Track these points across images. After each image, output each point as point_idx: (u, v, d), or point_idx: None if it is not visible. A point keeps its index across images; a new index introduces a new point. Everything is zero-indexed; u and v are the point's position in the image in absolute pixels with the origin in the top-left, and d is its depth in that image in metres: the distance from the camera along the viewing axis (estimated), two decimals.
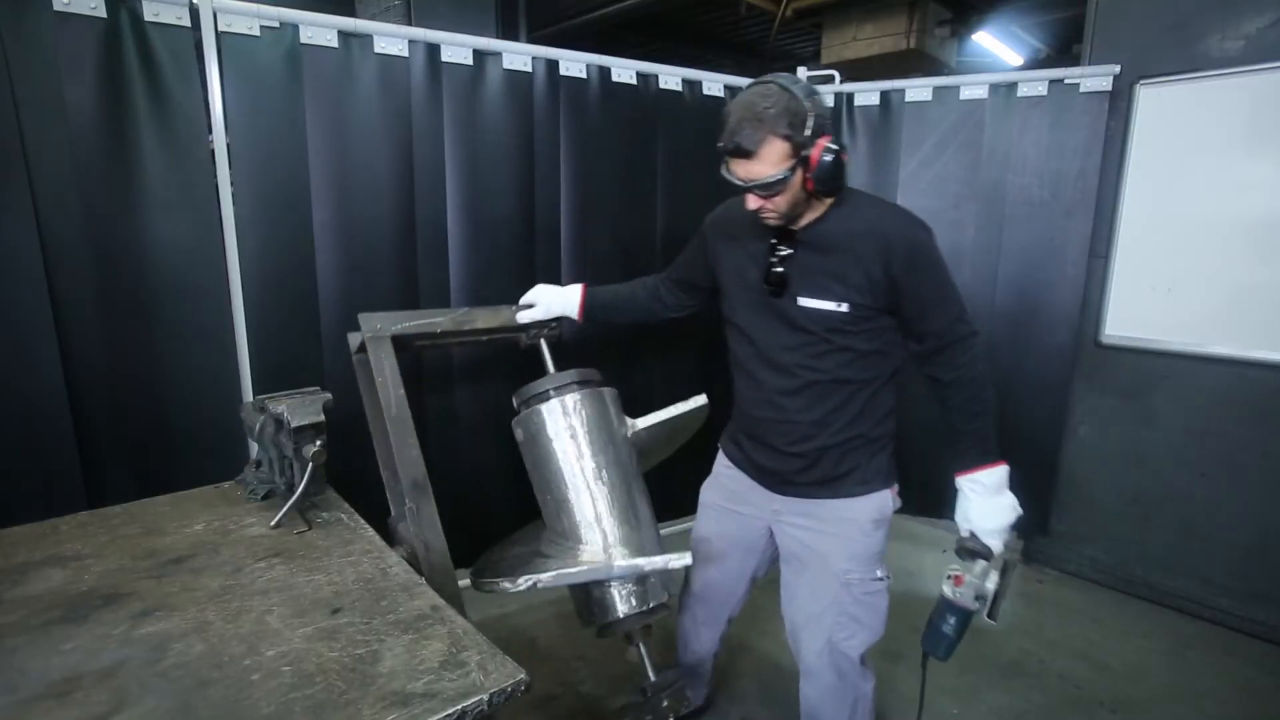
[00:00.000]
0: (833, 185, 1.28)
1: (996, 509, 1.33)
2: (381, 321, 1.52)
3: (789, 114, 1.22)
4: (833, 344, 1.38)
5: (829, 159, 1.24)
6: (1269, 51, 2.22)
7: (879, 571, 1.48)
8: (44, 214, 1.61)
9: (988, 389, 1.34)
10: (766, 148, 1.24)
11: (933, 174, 2.69)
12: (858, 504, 1.45)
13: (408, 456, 1.39)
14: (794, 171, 1.25)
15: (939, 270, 1.34)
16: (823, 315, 1.36)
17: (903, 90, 2.70)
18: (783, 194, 1.28)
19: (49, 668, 0.88)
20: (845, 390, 1.41)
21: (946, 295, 1.34)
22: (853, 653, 1.50)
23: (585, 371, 1.65)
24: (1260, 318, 2.31)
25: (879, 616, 1.50)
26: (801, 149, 1.24)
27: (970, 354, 1.34)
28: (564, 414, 1.55)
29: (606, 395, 1.64)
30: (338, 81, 1.90)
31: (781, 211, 1.32)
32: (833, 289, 1.34)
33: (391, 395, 1.43)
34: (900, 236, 1.32)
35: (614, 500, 1.52)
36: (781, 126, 1.22)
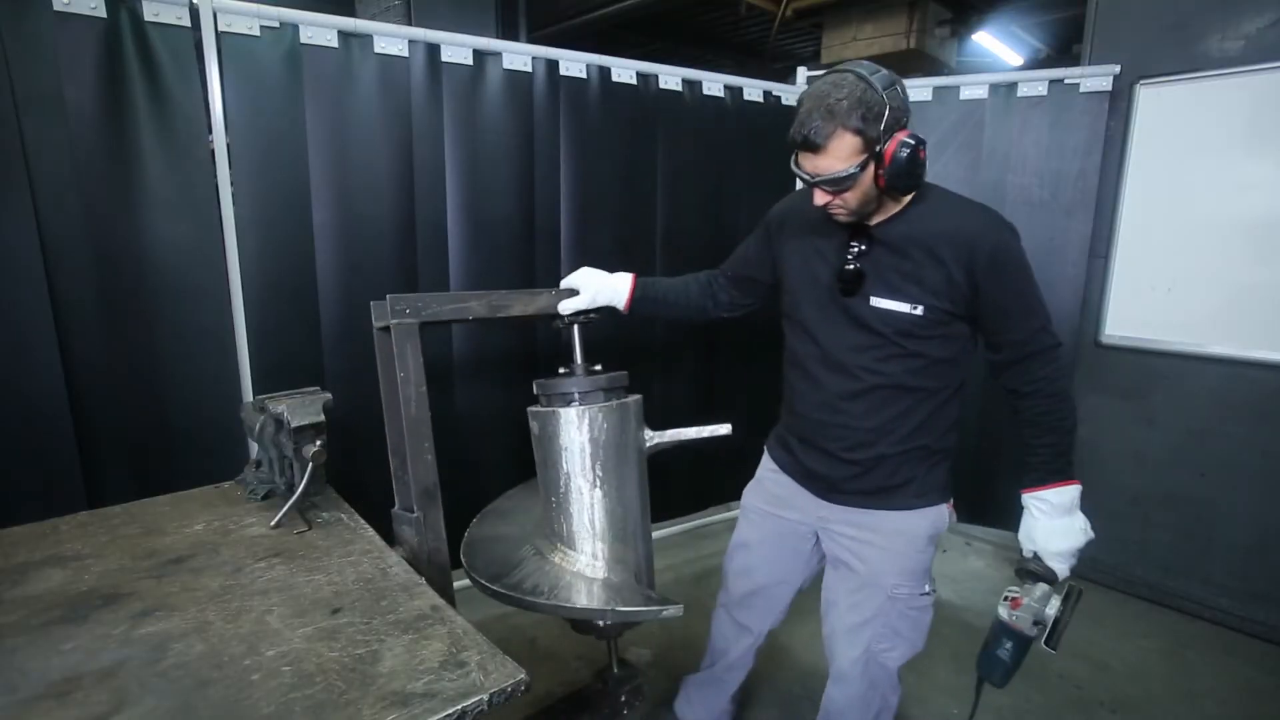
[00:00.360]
0: (908, 183, 1.20)
1: (1064, 531, 1.26)
2: (409, 306, 1.35)
3: (862, 106, 1.14)
4: (903, 348, 1.30)
5: (904, 155, 1.16)
6: (1269, 51, 2.22)
7: (927, 586, 1.43)
8: (44, 214, 1.61)
9: (1067, 403, 1.26)
10: (836, 141, 1.16)
11: (933, 174, 2.62)
12: (912, 517, 1.39)
13: (422, 461, 1.34)
14: (865, 168, 1.17)
15: (1024, 276, 1.25)
16: (895, 317, 1.28)
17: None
18: (852, 190, 1.21)
19: (49, 668, 0.88)
20: (911, 398, 1.34)
21: (1031, 304, 1.25)
22: (891, 664, 1.46)
23: (615, 376, 1.52)
24: (1260, 318, 2.31)
25: (921, 631, 1.46)
26: (875, 144, 1.16)
27: (1052, 366, 1.25)
28: (583, 424, 1.46)
29: (631, 407, 1.52)
30: (338, 81, 1.90)
31: (852, 209, 1.25)
32: (908, 290, 1.26)
33: (413, 393, 1.33)
34: (985, 239, 1.22)
35: (615, 517, 1.49)
36: (854, 120, 1.14)
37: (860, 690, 1.49)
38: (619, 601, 1.36)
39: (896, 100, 1.16)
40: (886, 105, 1.14)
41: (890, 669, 1.47)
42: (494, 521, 1.71)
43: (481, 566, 1.49)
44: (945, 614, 2.52)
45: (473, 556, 1.55)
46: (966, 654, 2.27)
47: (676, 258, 2.58)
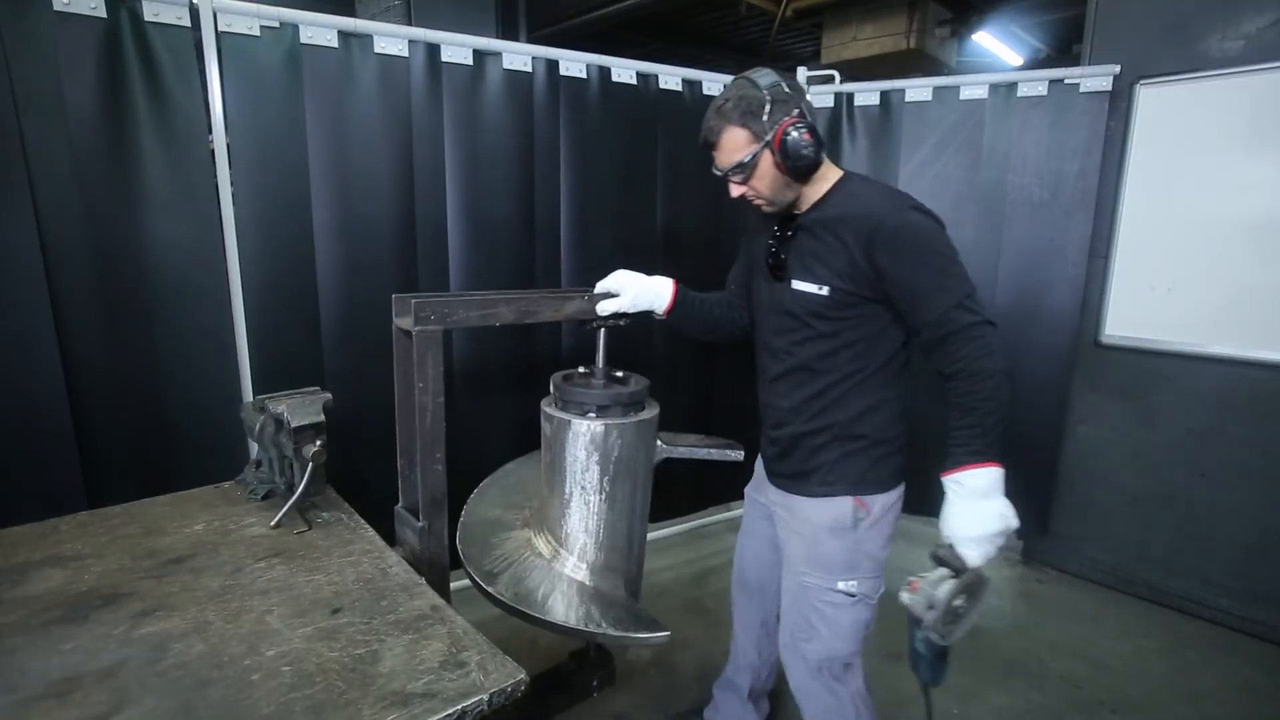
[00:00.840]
0: (803, 163, 1.28)
1: (977, 515, 1.18)
2: (435, 312, 1.28)
3: (744, 103, 1.27)
4: (815, 330, 1.35)
5: (791, 137, 1.26)
6: (1269, 51, 2.22)
7: (840, 584, 1.38)
8: (44, 214, 1.61)
9: (992, 383, 1.20)
10: (726, 136, 1.30)
11: (933, 174, 2.69)
12: (815, 505, 1.40)
13: (432, 472, 1.33)
14: (758, 155, 1.29)
15: (932, 254, 1.24)
16: (807, 298, 1.34)
17: (903, 90, 2.70)
18: (757, 179, 1.32)
19: (49, 668, 0.88)
20: (823, 379, 1.37)
21: (942, 282, 1.23)
22: (810, 656, 1.44)
23: (637, 391, 1.48)
24: (1260, 318, 2.31)
25: (838, 631, 1.41)
26: (763, 134, 1.27)
27: (974, 345, 1.21)
28: (596, 440, 1.43)
29: (648, 425, 1.49)
30: (338, 81, 1.90)
31: (765, 196, 1.35)
32: (818, 271, 1.33)
33: (429, 403, 1.30)
34: (887, 220, 1.26)
35: (615, 529, 1.48)
36: (736, 116, 1.28)
37: (798, 682, 1.49)
38: (610, 621, 1.36)
39: (780, 94, 1.27)
40: (768, 99, 1.26)
41: (810, 660, 1.44)
42: (489, 505, 1.70)
43: (475, 555, 1.48)
44: None
45: (468, 544, 1.53)
46: (966, 654, 2.28)
47: (676, 257, 2.58)
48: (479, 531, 1.57)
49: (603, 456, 1.44)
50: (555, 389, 1.51)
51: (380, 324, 1.92)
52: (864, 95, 2.76)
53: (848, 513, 1.37)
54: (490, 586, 1.38)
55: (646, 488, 1.54)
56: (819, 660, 1.44)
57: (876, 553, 1.41)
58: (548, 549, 1.51)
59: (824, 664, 1.44)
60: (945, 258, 1.25)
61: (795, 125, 1.26)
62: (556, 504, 1.49)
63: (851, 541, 1.38)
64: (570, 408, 1.46)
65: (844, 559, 1.38)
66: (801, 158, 1.27)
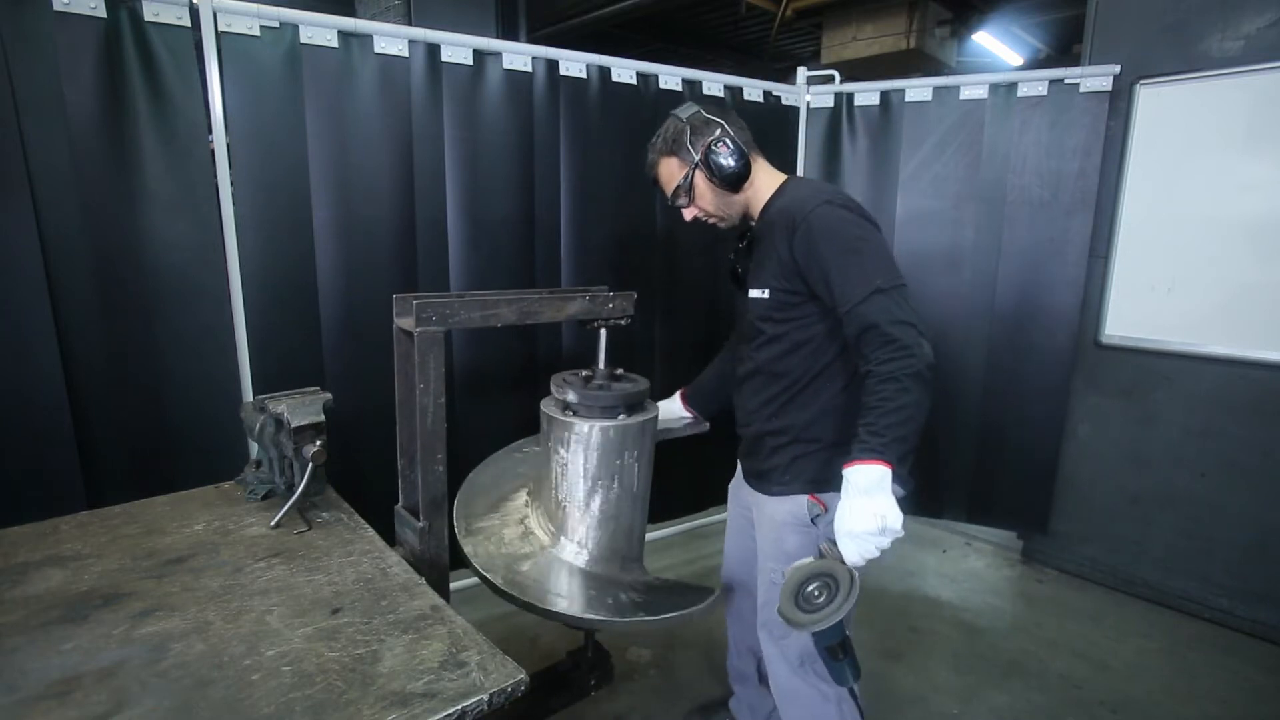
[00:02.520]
0: (732, 174, 1.37)
1: (857, 512, 1.15)
2: (436, 313, 1.27)
3: (668, 135, 1.42)
4: (765, 333, 1.40)
5: (714, 154, 1.36)
6: (1269, 51, 2.22)
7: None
8: (44, 214, 1.61)
9: (894, 386, 1.15)
10: (661, 168, 1.46)
11: (933, 174, 2.69)
12: (774, 503, 1.45)
13: (433, 473, 1.33)
14: (691, 177, 1.41)
15: (843, 243, 1.23)
16: (757, 303, 1.40)
17: (903, 90, 2.70)
18: (699, 198, 1.43)
19: (49, 668, 0.88)
20: (780, 382, 1.41)
21: (850, 272, 1.21)
22: (789, 653, 1.46)
23: (635, 392, 1.48)
24: (1260, 318, 2.31)
25: None
26: (690, 158, 1.39)
27: (885, 348, 1.17)
28: (593, 442, 1.43)
29: (648, 425, 1.49)
30: (338, 81, 1.90)
31: (712, 212, 1.46)
32: (761, 276, 1.39)
33: (430, 404, 1.30)
34: (802, 211, 1.27)
35: (613, 529, 1.50)
36: (665, 148, 1.43)
37: (774, 670, 1.51)
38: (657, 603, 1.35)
39: (699, 120, 1.40)
40: (688, 127, 1.39)
41: (788, 657, 1.45)
42: (488, 491, 1.70)
43: (474, 533, 1.49)
44: (945, 614, 2.52)
45: (469, 517, 1.53)
46: (966, 654, 2.28)
47: (676, 257, 2.59)
48: (480, 527, 1.57)
49: (600, 459, 1.43)
50: (555, 389, 1.51)
51: (380, 324, 1.93)
52: (864, 95, 2.76)
53: (803, 510, 1.40)
54: (495, 577, 1.37)
55: (644, 491, 1.54)
56: (799, 654, 1.45)
57: None
58: (547, 534, 1.51)
59: (804, 658, 1.44)
60: (854, 249, 1.23)
61: (716, 142, 1.37)
62: (556, 497, 1.49)
63: (813, 538, 1.38)
64: (570, 409, 1.46)
65: (802, 554, 1.37)
66: (726, 169, 1.37)
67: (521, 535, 1.53)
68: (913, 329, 1.18)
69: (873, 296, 1.19)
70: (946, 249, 2.68)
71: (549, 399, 1.53)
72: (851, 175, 2.82)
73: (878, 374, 1.17)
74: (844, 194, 1.34)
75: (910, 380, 1.15)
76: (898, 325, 1.17)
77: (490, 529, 1.54)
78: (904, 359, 1.16)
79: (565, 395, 1.46)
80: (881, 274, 1.21)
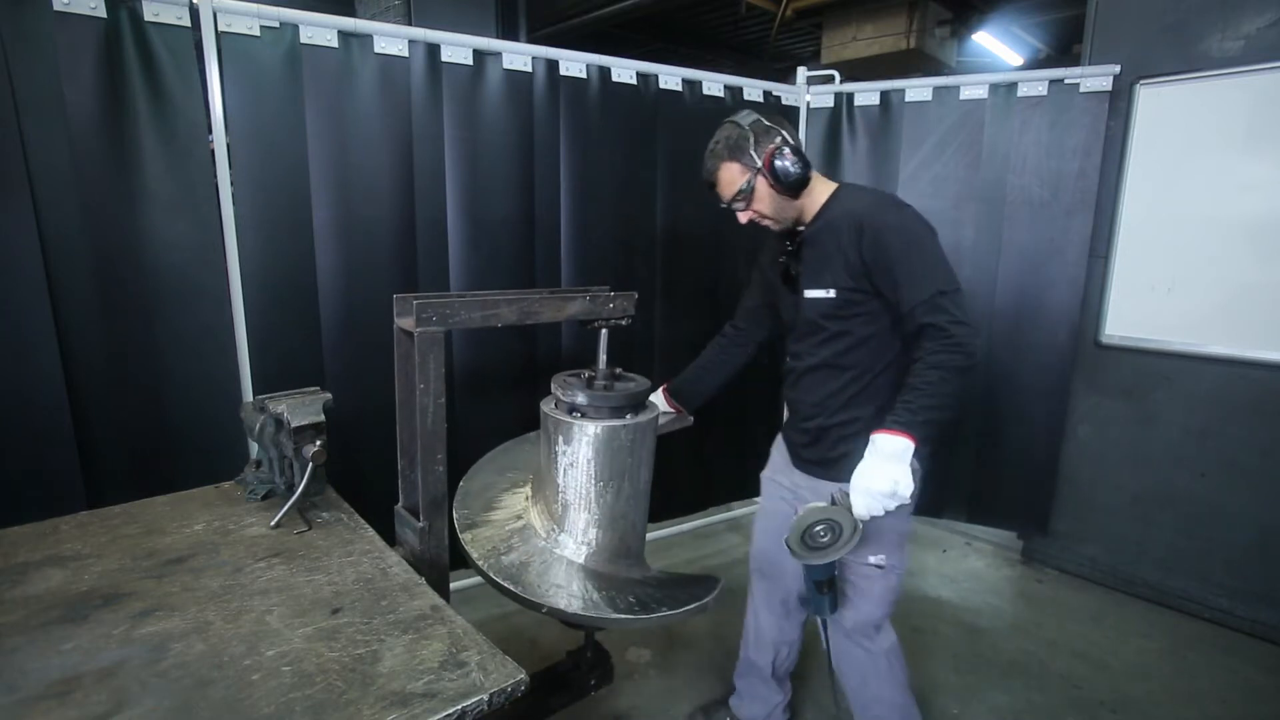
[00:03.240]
0: (793, 179, 1.44)
1: (876, 473, 1.28)
2: (436, 313, 1.28)
3: (731, 141, 1.47)
4: (828, 330, 1.48)
5: (778, 160, 1.43)
6: (1269, 51, 2.22)
7: (872, 558, 1.52)
8: (44, 214, 1.61)
9: (939, 374, 1.28)
10: (722, 173, 1.50)
11: (933, 174, 2.69)
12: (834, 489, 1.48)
13: (433, 473, 1.33)
14: (753, 181, 1.46)
15: (910, 248, 1.35)
16: (818, 302, 1.47)
17: (903, 90, 2.70)
18: (757, 202, 1.49)
19: (49, 668, 0.88)
20: (844, 375, 1.49)
21: (918, 274, 1.33)
22: (843, 622, 1.58)
23: (636, 393, 1.48)
24: (1260, 318, 2.31)
25: (871, 600, 1.55)
26: (753, 163, 1.45)
27: (939, 341, 1.29)
28: (594, 443, 1.43)
29: (649, 425, 1.50)
30: (338, 81, 1.90)
31: (769, 215, 1.51)
32: (824, 276, 1.46)
33: (430, 404, 1.30)
34: (870, 217, 1.39)
35: (614, 529, 1.50)
36: (727, 154, 1.47)
37: (836, 642, 1.62)
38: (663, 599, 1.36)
39: (760, 128, 1.45)
40: (751, 134, 1.45)
41: (844, 626, 1.58)
42: (494, 486, 1.70)
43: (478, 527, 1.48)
44: (945, 614, 2.52)
45: (469, 503, 1.53)
46: (967, 654, 2.28)
47: (676, 257, 2.59)
48: (482, 519, 1.57)
49: (604, 458, 1.43)
50: (559, 390, 1.50)
51: (380, 324, 1.93)
52: (864, 95, 2.76)
53: None
54: (496, 575, 1.37)
55: (647, 489, 1.54)
56: (851, 625, 1.58)
57: (902, 527, 1.53)
58: (549, 530, 1.51)
59: (855, 628, 1.58)
60: (922, 252, 1.36)
61: (779, 149, 1.43)
62: (561, 504, 1.49)
63: (878, 520, 1.44)
64: (577, 409, 1.45)
65: (872, 536, 1.47)
66: (790, 175, 1.43)
67: (522, 533, 1.53)
68: (968, 328, 1.31)
69: (934, 298, 1.31)
70: (946, 249, 2.55)
71: (550, 399, 1.53)
72: (851, 175, 2.81)
73: (927, 361, 1.30)
74: (902, 200, 1.45)
75: (953, 373, 1.29)
76: (955, 325, 1.30)
77: (491, 527, 1.54)
78: (953, 353, 1.29)
79: (572, 396, 1.45)
80: (942, 279, 1.34)
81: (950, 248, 2.62)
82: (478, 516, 1.57)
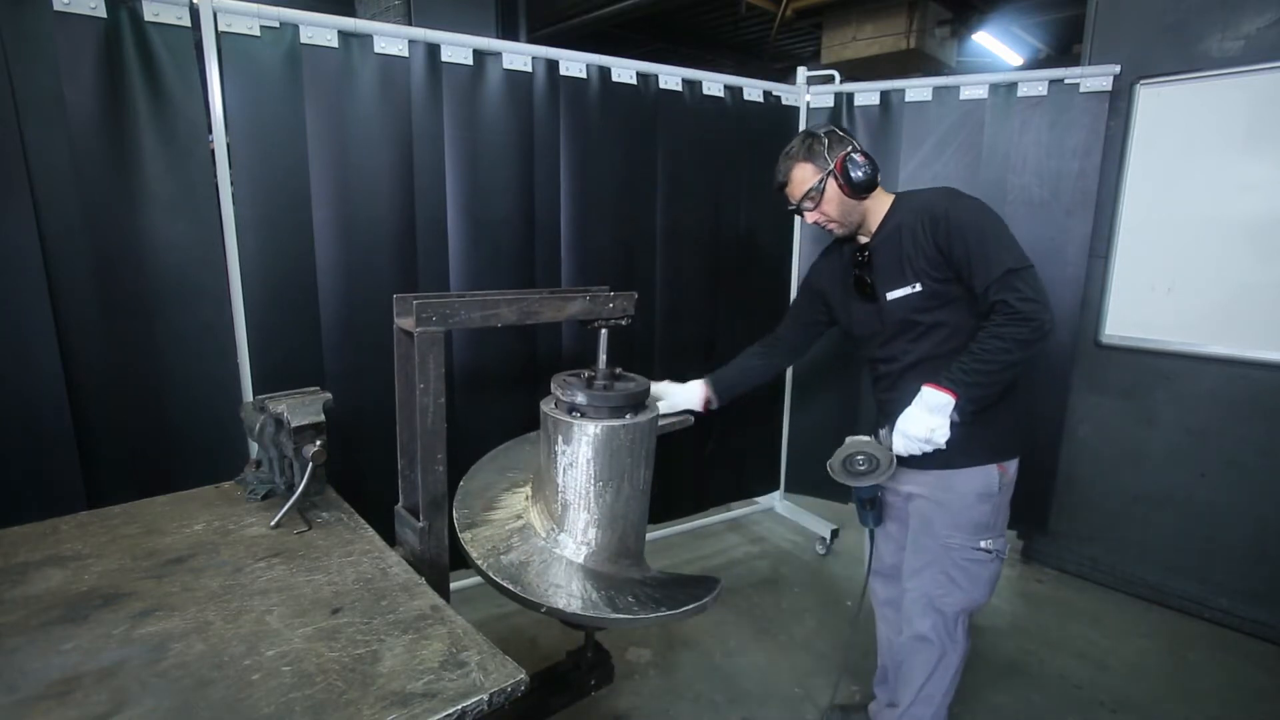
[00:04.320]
0: (863, 182, 1.53)
1: (917, 419, 1.42)
2: (436, 313, 1.28)
3: (805, 145, 1.57)
4: (922, 324, 1.53)
5: (850, 163, 1.52)
6: (1269, 51, 2.22)
7: (983, 542, 1.57)
8: (44, 214, 1.61)
9: (999, 344, 1.36)
10: (795, 173, 1.58)
11: (933, 174, 2.69)
12: (962, 476, 1.55)
13: (433, 473, 1.33)
14: (824, 182, 1.55)
15: (981, 232, 1.43)
16: (904, 301, 1.53)
17: (903, 90, 2.70)
18: (826, 203, 1.56)
19: (49, 668, 0.88)
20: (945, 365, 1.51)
21: (990, 256, 1.40)
22: (947, 610, 1.61)
23: (635, 393, 1.48)
24: (1260, 318, 2.31)
25: (978, 583, 1.59)
26: (826, 165, 1.54)
27: (1007, 316, 1.36)
28: (593, 444, 1.43)
29: (649, 425, 1.49)
30: (338, 81, 1.90)
31: (835, 217, 1.58)
32: (906, 274, 1.52)
33: (430, 403, 1.31)
34: (941, 209, 1.47)
35: (614, 529, 1.50)
36: (801, 156, 1.57)
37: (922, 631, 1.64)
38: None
39: (835, 137, 1.56)
40: (825, 141, 1.56)
41: (947, 614, 1.62)
42: (494, 487, 1.70)
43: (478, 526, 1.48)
44: None
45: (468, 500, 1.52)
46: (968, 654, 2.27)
47: (676, 257, 2.59)
48: (482, 518, 1.57)
49: (604, 458, 1.43)
50: (559, 390, 1.50)
51: (380, 324, 1.93)
52: (864, 95, 2.76)
53: (994, 478, 1.55)
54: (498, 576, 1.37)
55: (647, 489, 1.54)
56: (956, 611, 1.62)
57: (1007, 511, 1.61)
58: (548, 529, 1.51)
59: (961, 614, 1.62)
60: (991, 235, 1.42)
61: (852, 153, 1.53)
62: (562, 504, 1.49)
63: (994, 504, 1.57)
64: (577, 409, 1.45)
65: (988, 520, 1.57)
66: (860, 177, 1.53)
67: (522, 533, 1.53)
68: (1036, 304, 1.36)
69: (1005, 276, 1.38)
70: None
71: (550, 399, 1.53)
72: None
73: (990, 331, 1.39)
74: (961, 191, 1.52)
75: (1015, 344, 1.36)
76: (1023, 301, 1.36)
77: (491, 527, 1.54)
78: (1020, 325, 1.36)
79: (572, 396, 1.45)
80: (1012, 256, 1.40)
81: None
82: (478, 516, 1.57)
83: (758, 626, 2.39)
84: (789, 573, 2.81)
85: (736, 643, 2.32)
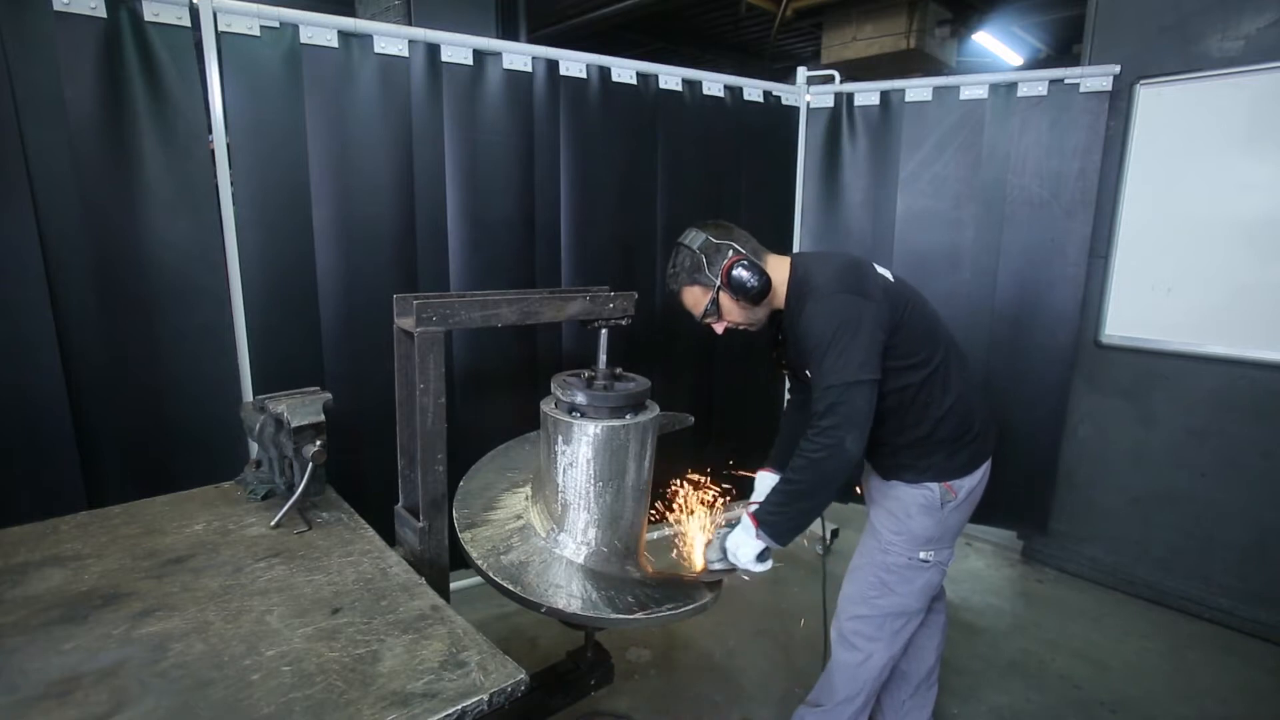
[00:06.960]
0: (755, 291, 1.48)
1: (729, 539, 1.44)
2: (436, 313, 1.28)
3: (685, 267, 1.52)
4: None
5: (735, 275, 1.47)
6: (1269, 51, 2.22)
7: (923, 553, 1.58)
8: (44, 214, 1.61)
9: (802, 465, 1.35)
10: (685, 296, 1.56)
11: (932, 174, 2.69)
12: (910, 489, 1.58)
13: (433, 473, 1.34)
14: (717, 299, 1.52)
15: (818, 339, 1.39)
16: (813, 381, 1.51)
17: (903, 90, 2.70)
18: (727, 314, 1.55)
19: (49, 668, 0.88)
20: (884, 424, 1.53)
21: (824, 365, 1.37)
22: (875, 612, 1.62)
23: (636, 393, 1.48)
24: (1260, 318, 2.31)
25: (912, 590, 1.60)
26: (711, 282, 1.50)
27: (815, 440, 1.34)
28: (593, 444, 1.43)
29: (646, 427, 1.49)
30: (338, 81, 1.90)
31: (744, 321, 1.57)
32: (797, 362, 1.56)
33: (430, 403, 1.32)
34: (805, 305, 1.44)
35: (614, 529, 1.50)
36: (685, 280, 1.53)
37: (849, 628, 1.66)
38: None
39: (710, 248, 1.51)
40: (702, 256, 1.50)
41: (873, 616, 1.63)
42: (493, 487, 1.70)
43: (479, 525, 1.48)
44: None
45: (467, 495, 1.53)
46: (965, 654, 2.28)
47: None
48: (482, 517, 1.57)
49: (604, 458, 1.43)
50: (559, 390, 1.50)
51: (380, 324, 1.93)
52: (864, 95, 2.76)
53: (935, 495, 1.56)
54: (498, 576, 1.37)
55: (647, 489, 1.54)
56: (886, 614, 1.62)
57: (955, 528, 1.61)
58: (547, 529, 1.51)
59: (890, 617, 1.62)
60: (831, 343, 1.37)
61: (734, 266, 1.47)
62: (561, 504, 1.49)
63: (938, 519, 1.57)
64: (571, 409, 1.45)
65: (931, 533, 1.57)
66: (749, 287, 1.48)
67: (522, 533, 1.53)
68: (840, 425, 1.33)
69: (826, 391, 1.35)
70: (946, 249, 2.68)
71: (550, 399, 1.53)
72: (851, 175, 2.82)
73: (798, 463, 1.36)
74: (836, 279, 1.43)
75: (808, 463, 1.35)
76: (828, 418, 1.34)
77: (491, 527, 1.54)
78: (814, 440, 1.34)
79: (572, 396, 1.45)
80: (845, 371, 1.35)
81: (950, 248, 2.67)
82: (478, 516, 1.57)
83: (757, 627, 2.39)
84: (789, 573, 2.81)
85: (736, 643, 2.32)
